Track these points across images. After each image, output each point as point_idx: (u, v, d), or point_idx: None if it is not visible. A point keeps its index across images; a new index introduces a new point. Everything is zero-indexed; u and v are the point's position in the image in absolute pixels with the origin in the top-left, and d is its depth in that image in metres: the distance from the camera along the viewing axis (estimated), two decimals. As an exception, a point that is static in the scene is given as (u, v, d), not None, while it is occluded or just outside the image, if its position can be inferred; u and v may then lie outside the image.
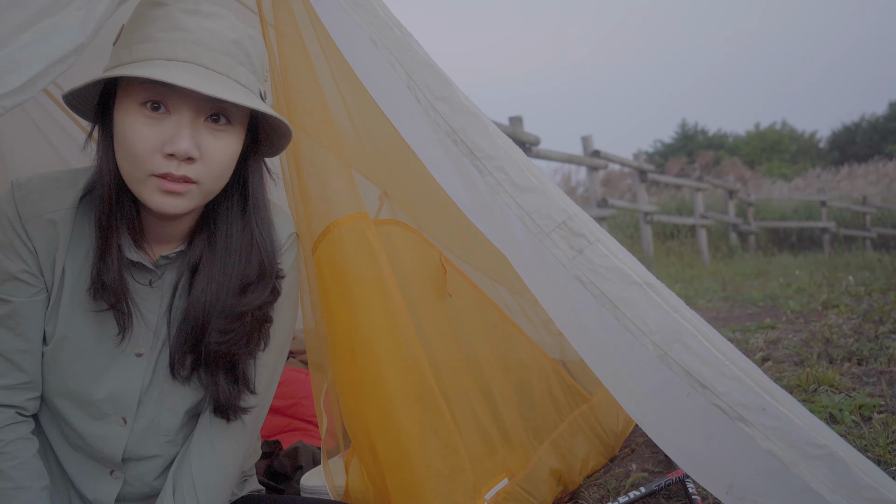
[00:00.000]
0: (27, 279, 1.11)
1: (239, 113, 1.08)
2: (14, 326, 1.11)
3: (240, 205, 1.16)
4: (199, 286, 1.13)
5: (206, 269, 1.14)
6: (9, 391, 1.12)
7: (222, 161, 1.06)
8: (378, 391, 1.31)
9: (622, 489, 1.84)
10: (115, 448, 1.17)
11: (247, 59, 1.06)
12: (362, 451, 1.38)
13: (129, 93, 1.02)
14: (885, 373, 2.62)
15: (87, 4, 0.97)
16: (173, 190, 1.02)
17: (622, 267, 1.11)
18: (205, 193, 1.07)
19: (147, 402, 1.18)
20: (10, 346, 1.11)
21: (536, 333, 1.97)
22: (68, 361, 1.13)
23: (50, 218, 1.11)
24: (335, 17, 1.28)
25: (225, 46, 1.03)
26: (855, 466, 1.03)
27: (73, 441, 1.18)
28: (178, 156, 1.01)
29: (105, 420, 1.16)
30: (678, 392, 1.11)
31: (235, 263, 1.14)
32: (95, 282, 1.10)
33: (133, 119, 1.01)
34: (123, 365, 1.15)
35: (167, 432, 1.20)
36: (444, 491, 1.33)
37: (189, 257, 1.16)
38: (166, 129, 1.01)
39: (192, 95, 1.01)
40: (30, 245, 1.10)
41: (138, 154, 1.01)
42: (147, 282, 1.16)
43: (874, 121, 34.66)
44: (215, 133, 1.05)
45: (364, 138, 1.53)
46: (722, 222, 11.63)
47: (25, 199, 1.10)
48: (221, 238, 1.15)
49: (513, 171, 1.16)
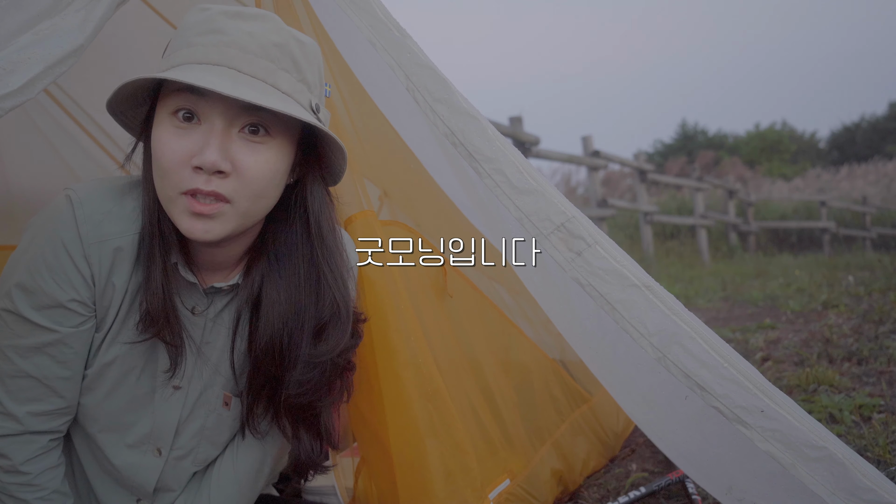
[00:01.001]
0: (76, 308, 1.01)
1: (282, 125, 0.96)
2: (56, 354, 1.02)
3: (304, 234, 1.05)
4: (266, 328, 1.03)
5: (271, 306, 1.04)
6: (46, 417, 1.05)
7: (259, 177, 0.94)
8: (395, 388, 1.31)
9: (622, 489, 1.84)
10: (149, 478, 1.13)
11: (292, 66, 0.96)
12: (370, 452, 1.38)
13: (164, 104, 0.95)
14: (885, 373, 2.62)
15: (87, 6, 0.97)
16: (202, 212, 0.92)
17: (621, 269, 1.11)
18: (241, 215, 0.96)
19: (184, 433, 1.13)
20: (51, 373, 1.03)
21: (536, 334, 1.97)
22: (108, 388, 1.07)
23: (116, 245, 1.01)
24: (335, 19, 1.28)
25: (264, 50, 0.93)
26: (853, 468, 1.03)
27: (104, 465, 1.13)
28: (205, 168, 0.91)
29: (139, 449, 1.11)
30: (677, 394, 1.11)
31: (304, 300, 1.04)
32: (142, 315, 1.01)
33: (163, 130, 0.93)
34: (161, 396, 1.10)
35: (202, 463, 1.17)
36: (454, 489, 1.33)
37: (246, 292, 1.06)
38: (195, 139, 0.92)
39: (223, 102, 0.92)
40: (86, 272, 1.00)
41: (166, 168, 0.92)
42: (191, 307, 1.07)
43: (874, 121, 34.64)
44: (252, 146, 0.94)
45: (364, 139, 1.53)
46: (722, 222, 11.62)
47: (88, 219, 0.99)
48: (284, 270, 1.04)
49: (511, 174, 1.16)
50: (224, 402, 1.14)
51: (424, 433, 1.31)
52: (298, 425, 1.09)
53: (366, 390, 1.34)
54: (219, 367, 1.12)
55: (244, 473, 1.18)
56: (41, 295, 0.99)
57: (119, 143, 2.12)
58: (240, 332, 1.08)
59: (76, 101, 2.03)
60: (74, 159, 2.12)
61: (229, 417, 1.15)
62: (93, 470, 1.15)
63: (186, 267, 1.04)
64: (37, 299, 0.99)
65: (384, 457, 1.35)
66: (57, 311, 1.00)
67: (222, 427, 1.15)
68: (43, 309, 1.00)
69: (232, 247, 1.05)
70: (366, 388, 1.33)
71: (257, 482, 1.20)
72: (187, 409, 1.12)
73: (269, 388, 1.07)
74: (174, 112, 0.93)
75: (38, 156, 2.06)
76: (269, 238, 1.06)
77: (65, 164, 2.11)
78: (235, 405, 1.15)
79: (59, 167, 2.10)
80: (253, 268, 1.07)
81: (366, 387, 1.33)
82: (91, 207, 1.00)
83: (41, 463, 1.07)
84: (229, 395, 1.14)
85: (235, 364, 1.10)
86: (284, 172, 1.00)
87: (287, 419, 1.09)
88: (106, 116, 1.01)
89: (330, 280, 1.05)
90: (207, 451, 1.16)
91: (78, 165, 2.12)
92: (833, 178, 22.61)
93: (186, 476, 1.17)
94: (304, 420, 1.09)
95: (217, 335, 1.11)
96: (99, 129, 2.08)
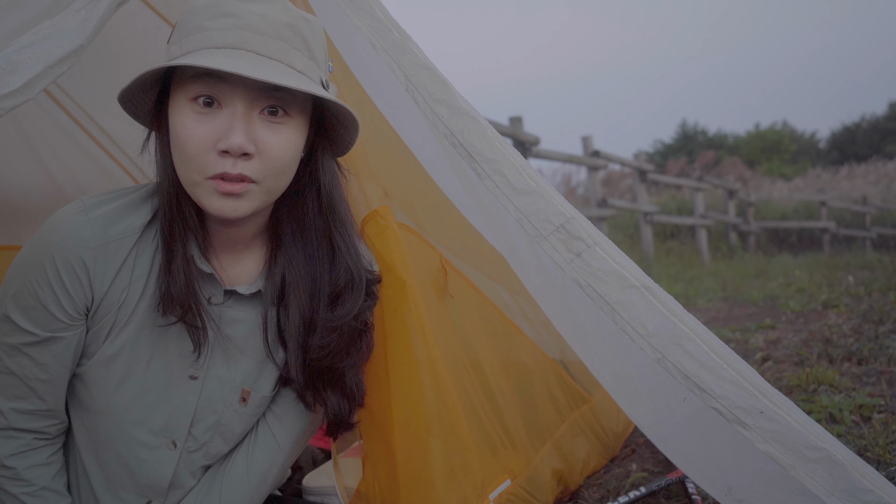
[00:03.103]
0: (59, 314, 1.02)
1: (298, 103, 0.99)
2: (35, 356, 1.04)
3: (316, 207, 1.08)
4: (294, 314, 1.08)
5: (295, 292, 1.08)
6: (29, 416, 1.07)
7: (283, 156, 0.98)
8: (406, 383, 1.30)
9: (622, 489, 1.84)
10: (164, 473, 1.13)
11: (303, 45, 0.98)
12: (374, 447, 1.38)
13: (181, 90, 0.96)
14: (885, 373, 2.62)
15: (87, 6, 0.97)
16: (231, 192, 0.94)
17: (620, 270, 1.11)
18: (265, 192, 0.99)
19: (199, 425, 1.13)
20: (31, 374, 1.05)
21: (536, 334, 1.97)
22: (118, 380, 1.08)
23: (125, 243, 1.03)
24: (334, 19, 1.28)
25: (277, 31, 0.95)
26: (853, 469, 1.03)
27: (112, 468, 1.13)
28: (231, 152, 0.93)
29: (155, 442, 1.11)
30: (676, 395, 1.11)
31: (319, 270, 1.08)
32: (164, 295, 1.03)
33: (184, 117, 0.95)
34: (177, 387, 1.10)
35: (213, 458, 1.17)
36: (456, 487, 1.33)
37: (269, 296, 1.10)
38: (219, 124, 0.94)
39: (243, 85, 0.94)
40: (83, 278, 1.01)
41: (191, 154, 0.94)
42: (208, 297, 1.08)
43: (874, 121, 34.64)
44: (272, 126, 0.97)
45: (364, 139, 1.53)
46: (722, 222, 11.62)
47: (93, 223, 1.02)
48: (301, 247, 1.09)
49: (511, 175, 1.16)
50: (242, 398, 1.15)
51: (430, 429, 1.30)
52: (325, 387, 1.12)
53: (374, 385, 1.34)
54: (238, 363, 1.13)
55: (256, 474, 1.18)
56: (28, 296, 1.02)
57: (119, 143, 2.12)
58: (269, 326, 1.12)
59: (76, 101, 2.03)
60: (74, 159, 2.12)
61: (246, 414, 1.16)
62: (98, 479, 1.14)
63: (203, 257, 1.06)
64: (22, 300, 1.02)
65: (387, 452, 1.35)
66: (39, 314, 1.02)
67: (237, 423, 1.16)
68: (27, 310, 1.02)
69: (252, 224, 1.08)
70: (374, 382, 1.33)
71: (266, 481, 1.21)
72: (204, 401, 1.12)
73: (303, 362, 1.10)
74: (194, 98, 0.95)
75: (38, 156, 2.06)
76: (283, 214, 1.10)
77: (65, 163, 2.11)
78: (253, 401, 1.16)
79: (59, 167, 2.10)
80: (273, 266, 1.10)
81: (374, 382, 1.33)
82: (99, 211, 1.02)
83: (27, 459, 1.08)
84: (247, 391, 1.15)
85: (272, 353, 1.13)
86: (301, 147, 1.03)
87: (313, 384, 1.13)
88: (107, 117, 1.02)
89: (343, 250, 1.09)
90: (219, 446, 1.16)
91: (78, 165, 2.12)
92: (833, 178, 22.62)
93: (197, 470, 1.17)
94: (330, 382, 1.12)
95: (237, 332, 1.12)
96: (99, 128, 2.08)
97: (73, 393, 1.12)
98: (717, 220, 11.22)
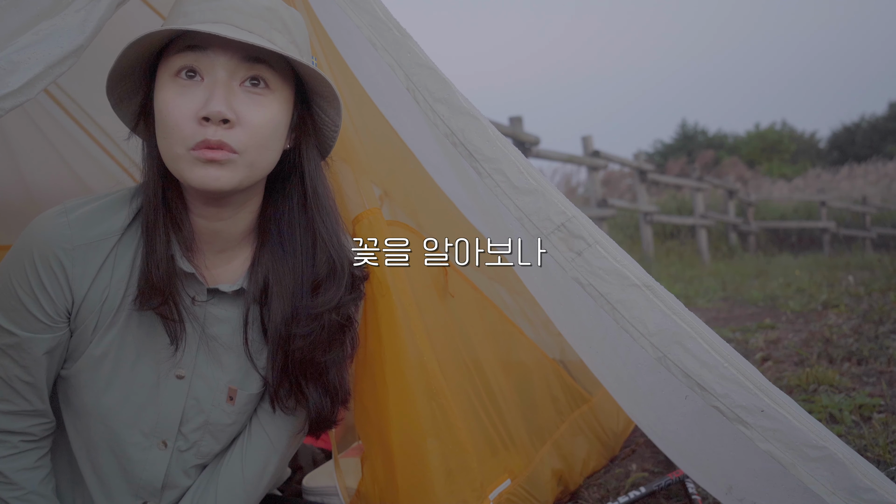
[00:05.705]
0: (38, 315, 1.03)
1: (280, 79, 1.01)
2: (17, 357, 1.05)
3: (301, 200, 1.10)
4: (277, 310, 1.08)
5: (278, 290, 1.09)
6: (12, 416, 1.08)
7: (264, 126, 0.99)
8: (401, 386, 1.30)
9: (622, 489, 1.84)
10: (156, 473, 1.13)
11: (283, 27, 1.00)
12: (372, 449, 1.38)
13: (165, 69, 0.99)
14: (885, 373, 2.62)
15: (87, 6, 0.97)
16: (212, 158, 0.95)
17: (621, 269, 1.11)
18: (248, 165, 0.99)
19: (189, 425, 1.14)
20: (13, 374, 1.06)
21: (536, 334, 1.97)
22: (105, 381, 1.08)
23: (97, 243, 1.04)
24: (335, 19, 1.28)
25: (258, 11, 0.98)
26: (853, 468, 1.03)
27: (106, 471, 1.13)
28: (211, 118, 0.94)
29: (146, 443, 1.12)
30: (677, 394, 1.11)
31: (302, 261, 1.09)
32: (142, 287, 1.03)
33: (167, 91, 0.97)
34: (164, 387, 1.11)
35: (205, 457, 1.17)
36: (454, 489, 1.33)
37: (252, 293, 1.10)
38: (199, 94, 0.96)
39: (224, 55, 0.96)
40: (61, 278, 1.03)
41: (172, 125, 0.95)
42: (192, 297, 1.09)
43: (874, 121, 34.62)
44: (253, 97, 0.99)
45: (364, 139, 1.53)
46: (722, 222, 11.62)
47: (74, 223, 1.03)
48: (286, 241, 1.09)
49: (511, 174, 1.16)
50: (229, 397, 1.15)
51: (427, 432, 1.30)
52: (307, 382, 1.12)
53: (370, 387, 1.34)
54: (224, 362, 1.13)
55: (251, 473, 1.18)
56: (8, 296, 1.03)
57: (119, 143, 2.12)
58: (251, 324, 1.12)
59: (76, 101, 2.03)
60: (74, 159, 2.12)
61: (234, 412, 1.16)
62: (93, 482, 1.14)
63: (185, 256, 1.06)
64: (4, 300, 1.04)
65: (385, 454, 1.35)
66: (20, 315, 1.03)
67: (226, 422, 1.16)
68: (8, 311, 1.03)
69: (235, 220, 1.08)
70: (370, 384, 1.33)
71: (263, 480, 1.21)
72: (192, 400, 1.13)
73: (283, 359, 1.10)
74: (177, 73, 0.97)
75: (38, 156, 2.06)
76: (270, 214, 1.11)
77: (64, 163, 2.11)
78: (240, 400, 1.16)
79: (59, 167, 2.10)
80: (257, 264, 1.11)
81: (370, 384, 1.33)
82: (79, 212, 1.04)
83: (15, 463, 1.09)
84: (234, 390, 1.15)
85: (251, 352, 1.13)
86: (285, 127, 1.05)
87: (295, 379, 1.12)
88: (106, 117, 1.02)
89: (326, 239, 1.10)
90: (210, 445, 1.17)
91: (77, 164, 2.12)
92: (833, 178, 22.61)
93: (191, 469, 1.17)
94: (311, 376, 1.12)
95: (222, 331, 1.12)
96: (99, 128, 2.08)
97: (64, 397, 1.13)
98: (717, 220, 11.22)
